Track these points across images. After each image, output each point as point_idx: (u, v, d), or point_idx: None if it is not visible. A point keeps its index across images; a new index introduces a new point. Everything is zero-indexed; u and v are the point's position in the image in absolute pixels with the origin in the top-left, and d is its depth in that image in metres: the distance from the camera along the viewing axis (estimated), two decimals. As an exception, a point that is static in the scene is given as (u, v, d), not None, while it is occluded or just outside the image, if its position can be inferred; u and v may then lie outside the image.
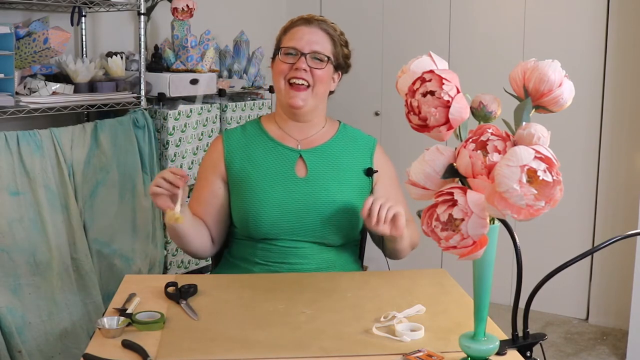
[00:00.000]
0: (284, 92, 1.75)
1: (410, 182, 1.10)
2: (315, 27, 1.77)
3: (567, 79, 1.09)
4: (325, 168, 1.78)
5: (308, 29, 1.77)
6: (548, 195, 0.97)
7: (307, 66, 1.73)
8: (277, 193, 1.74)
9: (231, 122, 3.11)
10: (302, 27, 1.77)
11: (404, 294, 1.54)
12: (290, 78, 1.74)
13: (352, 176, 1.79)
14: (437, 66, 1.14)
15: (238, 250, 1.81)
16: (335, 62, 1.80)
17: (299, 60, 1.73)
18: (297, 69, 1.73)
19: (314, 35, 1.76)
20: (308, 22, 1.78)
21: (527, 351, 1.26)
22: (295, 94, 1.73)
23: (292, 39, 1.76)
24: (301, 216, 1.72)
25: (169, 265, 2.92)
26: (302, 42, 1.74)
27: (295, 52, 1.74)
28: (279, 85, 1.76)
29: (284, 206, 1.73)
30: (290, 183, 1.75)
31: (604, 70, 3.39)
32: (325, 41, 1.77)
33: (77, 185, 2.42)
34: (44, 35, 2.32)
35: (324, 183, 1.76)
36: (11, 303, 2.19)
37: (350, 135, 1.86)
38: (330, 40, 1.78)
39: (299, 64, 1.73)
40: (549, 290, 1.46)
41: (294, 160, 1.78)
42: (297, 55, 1.74)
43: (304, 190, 1.74)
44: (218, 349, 1.25)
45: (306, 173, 1.77)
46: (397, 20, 3.94)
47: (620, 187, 3.39)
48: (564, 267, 1.21)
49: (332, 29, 1.80)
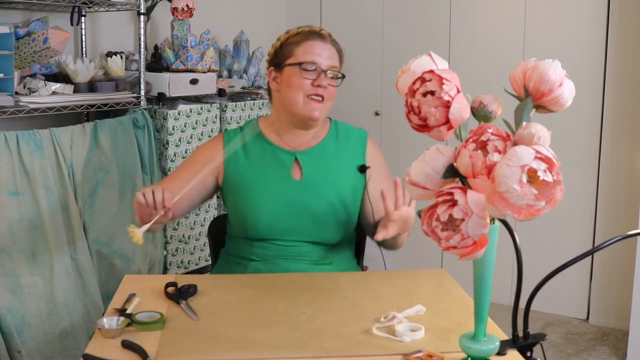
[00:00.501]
0: (302, 104, 1.76)
1: (410, 182, 1.10)
2: (329, 43, 1.81)
3: (567, 79, 1.09)
4: (320, 170, 1.81)
5: (324, 45, 1.79)
6: (548, 195, 0.97)
7: (327, 83, 1.76)
8: (274, 196, 1.76)
9: (231, 122, 3.11)
10: (318, 42, 1.79)
11: (404, 294, 1.54)
12: (310, 94, 1.75)
13: (346, 175, 1.82)
14: (437, 66, 1.13)
15: (235, 248, 1.84)
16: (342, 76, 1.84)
17: (320, 76, 1.75)
18: (318, 86, 1.75)
19: (329, 52, 1.80)
20: (322, 37, 1.81)
21: (528, 351, 1.26)
22: (315, 106, 1.76)
23: (309, 53, 1.77)
24: (297, 218, 1.76)
25: (168, 266, 2.92)
26: (321, 58, 1.77)
27: (314, 67, 1.76)
28: (296, 98, 1.76)
29: (281, 209, 1.76)
30: (287, 186, 1.78)
31: (604, 70, 3.38)
32: (337, 58, 1.82)
33: (77, 185, 2.42)
34: (44, 35, 2.32)
35: (319, 185, 1.79)
36: (11, 303, 2.19)
37: (342, 132, 1.89)
38: (339, 56, 1.83)
39: (319, 80, 1.75)
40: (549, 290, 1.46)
41: (290, 163, 1.80)
42: (316, 71, 1.76)
43: (299, 193, 1.77)
44: (218, 349, 1.25)
45: (301, 176, 1.79)
46: (397, 20, 3.93)
47: (620, 187, 3.39)
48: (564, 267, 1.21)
49: (337, 45, 1.84)
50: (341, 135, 1.87)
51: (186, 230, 2.96)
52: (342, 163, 1.83)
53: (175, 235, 2.92)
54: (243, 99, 3.30)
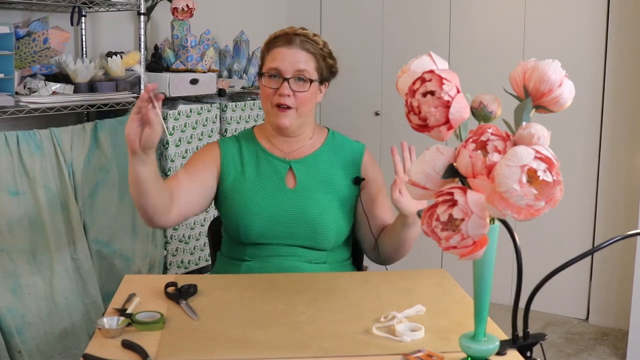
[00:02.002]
0: (271, 114, 1.77)
1: (410, 182, 1.10)
2: (296, 47, 1.74)
3: (567, 79, 1.09)
4: (314, 179, 1.80)
5: (289, 50, 1.74)
6: (548, 195, 0.97)
7: (291, 91, 1.73)
8: (268, 204, 1.76)
9: (231, 122, 3.11)
10: (282, 48, 1.74)
11: (404, 294, 1.54)
12: (275, 103, 1.74)
13: (340, 185, 1.81)
14: (437, 66, 1.13)
15: (229, 251, 1.85)
16: (320, 77, 1.79)
17: (282, 85, 1.72)
18: (280, 95, 1.73)
19: (295, 57, 1.74)
20: (289, 41, 1.75)
21: (527, 351, 1.26)
22: (281, 114, 1.74)
23: (274, 60, 1.74)
24: (290, 225, 1.75)
25: (168, 266, 2.92)
26: (285, 64, 1.73)
27: (277, 75, 1.73)
28: (266, 108, 1.77)
29: (274, 216, 1.75)
30: (280, 194, 1.77)
31: (604, 70, 3.39)
32: (308, 60, 1.75)
33: (77, 185, 2.42)
34: (44, 35, 2.32)
35: (313, 194, 1.78)
36: (11, 303, 2.19)
37: (338, 144, 1.87)
38: (313, 57, 1.76)
39: (282, 89, 1.72)
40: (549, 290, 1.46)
41: (284, 172, 1.80)
42: (279, 79, 1.73)
43: (293, 201, 1.77)
44: (218, 349, 1.25)
45: (295, 184, 1.79)
46: (397, 20, 3.93)
47: (620, 187, 3.39)
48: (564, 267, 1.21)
49: (313, 45, 1.77)
50: (337, 146, 1.86)
51: (186, 230, 2.96)
52: (337, 173, 1.82)
53: (175, 235, 2.92)
54: (243, 99, 3.30)
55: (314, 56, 1.76)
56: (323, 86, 1.83)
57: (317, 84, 1.79)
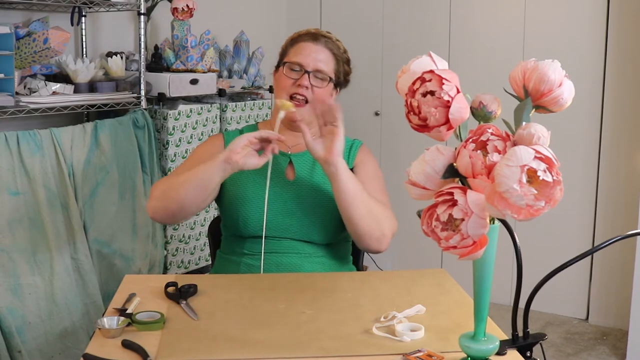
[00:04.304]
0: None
1: (410, 182, 1.10)
2: (321, 45, 1.80)
3: (567, 79, 1.09)
4: (312, 172, 1.82)
5: (314, 46, 1.79)
6: (548, 195, 0.97)
7: (310, 84, 1.76)
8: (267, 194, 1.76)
9: (231, 122, 3.11)
10: (308, 43, 1.79)
11: (404, 294, 1.54)
12: (292, 93, 1.77)
13: None
14: (437, 66, 1.14)
15: (228, 247, 1.86)
16: (336, 80, 1.83)
17: (302, 77, 1.76)
18: (299, 86, 1.76)
19: (319, 54, 1.79)
20: (315, 38, 1.80)
21: (527, 351, 1.26)
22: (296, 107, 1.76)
23: (297, 54, 1.79)
24: (288, 217, 1.77)
25: (169, 265, 2.92)
26: (308, 59, 1.77)
27: (299, 68, 1.77)
28: (280, 98, 1.79)
29: (273, 207, 1.76)
30: (280, 186, 1.79)
31: (604, 70, 3.39)
32: (329, 60, 1.80)
33: (77, 185, 2.42)
34: (44, 35, 2.32)
35: (311, 186, 1.80)
36: (11, 303, 2.19)
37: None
38: (334, 58, 1.82)
39: (301, 80, 1.76)
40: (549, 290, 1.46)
41: (284, 164, 1.82)
42: (300, 72, 1.77)
43: (292, 193, 1.79)
44: (218, 349, 1.25)
45: (294, 176, 1.81)
46: (397, 20, 3.94)
47: (620, 187, 3.39)
48: (564, 267, 1.21)
49: (337, 47, 1.83)
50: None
51: (186, 230, 2.96)
52: None
53: (175, 235, 2.92)
54: (243, 99, 3.30)
55: (335, 58, 1.82)
56: (335, 91, 1.86)
57: (333, 85, 1.82)
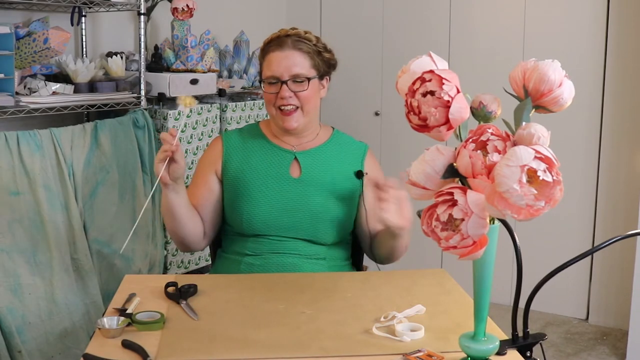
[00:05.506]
0: (276, 117, 1.80)
1: (410, 182, 1.10)
2: (288, 48, 1.76)
3: (567, 79, 1.09)
4: (318, 169, 1.82)
5: (282, 54, 1.76)
6: (548, 195, 0.97)
7: (291, 92, 1.75)
8: (271, 192, 1.78)
9: (231, 122, 3.11)
10: (275, 52, 1.77)
11: (404, 294, 1.54)
12: (278, 106, 1.77)
13: (343, 178, 1.83)
14: (437, 66, 1.14)
15: (230, 246, 1.86)
16: (318, 73, 1.80)
17: (282, 88, 1.75)
18: (282, 98, 1.75)
19: (289, 59, 1.76)
20: (280, 44, 1.77)
21: (527, 351, 1.26)
22: (286, 118, 1.77)
23: (269, 68, 1.78)
24: (293, 215, 1.77)
25: (169, 265, 2.92)
26: (280, 69, 1.75)
27: (275, 80, 1.76)
28: (271, 111, 1.80)
29: (277, 205, 1.77)
30: (284, 183, 1.79)
31: (604, 70, 3.39)
32: (302, 59, 1.77)
33: (77, 185, 2.42)
34: (44, 35, 2.32)
35: (317, 184, 1.80)
36: (11, 303, 2.19)
37: (343, 141, 1.90)
38: (307, 55, 1.78)
39: (282, 92, 1.75)
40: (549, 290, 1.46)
41: (289, 162, 1.82)
42: (278, 84, 1.76)
43: (297, 190, 1.79)
44: (218, 349, 1.25)
45: (300, 174, 1.81)
46: (397, 20, 3.93)
47: (620, 187, 3.39)
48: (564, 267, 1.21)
49: (305, 43, 1.79)
50: (342, 143, 1.89)
51: (186, 230, 2.96)
52: (341, 167, 1.84)
53: (176, 235, 2.92)
54: (243, 99, 3.30)
55: (308, 54, 1.78)
56: (324, 81, 1.85)
57: (317, 80, 1.80)
